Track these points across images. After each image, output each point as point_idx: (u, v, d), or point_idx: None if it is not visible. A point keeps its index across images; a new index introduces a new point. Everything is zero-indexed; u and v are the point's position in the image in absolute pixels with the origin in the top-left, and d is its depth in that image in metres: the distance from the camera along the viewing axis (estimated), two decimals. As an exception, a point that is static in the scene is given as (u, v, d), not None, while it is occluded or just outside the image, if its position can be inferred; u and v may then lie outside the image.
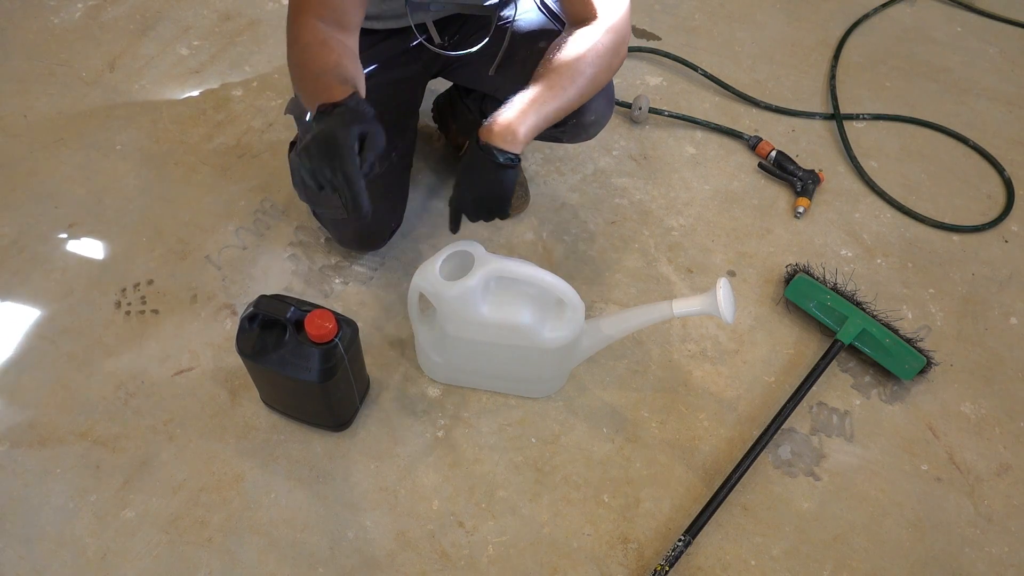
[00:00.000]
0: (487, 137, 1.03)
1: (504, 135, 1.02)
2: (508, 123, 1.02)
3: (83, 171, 1.56)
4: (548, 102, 1.05)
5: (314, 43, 1.00)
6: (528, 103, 1.04)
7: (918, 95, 1.88)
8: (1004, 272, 1.54)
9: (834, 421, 1.31)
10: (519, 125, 1.03)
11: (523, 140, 1.04)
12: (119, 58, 1.78)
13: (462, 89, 1.45)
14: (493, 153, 1.02)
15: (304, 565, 1.11)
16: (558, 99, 1.06)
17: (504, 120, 1.03)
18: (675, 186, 1.63)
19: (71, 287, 1.39)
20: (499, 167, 1.03)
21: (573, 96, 1.07)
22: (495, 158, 1.02)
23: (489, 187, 1.06)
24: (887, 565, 1.16)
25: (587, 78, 1.07)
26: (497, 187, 1.06)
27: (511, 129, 1.02)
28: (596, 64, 1.08)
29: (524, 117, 1.03)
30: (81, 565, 1.10)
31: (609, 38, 1.08)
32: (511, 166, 1.04)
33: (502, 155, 1.02)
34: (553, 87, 1.05)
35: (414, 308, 1.18)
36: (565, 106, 1.07)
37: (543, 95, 1.05)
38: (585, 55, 1.07)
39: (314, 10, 1.03)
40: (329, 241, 1.47)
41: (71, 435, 1.21)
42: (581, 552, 1.15)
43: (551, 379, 1.28)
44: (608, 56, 1.09)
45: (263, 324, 1.09)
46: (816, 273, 1.44)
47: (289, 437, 1.23)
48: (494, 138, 1.02)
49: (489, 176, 1.04)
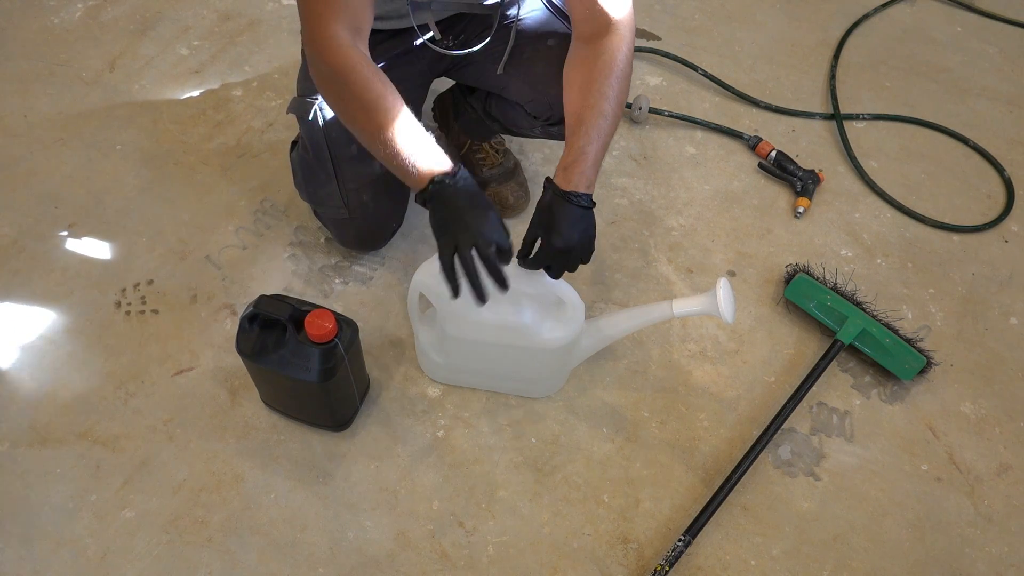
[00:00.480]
0: (568, 185, 1.03)
1: (581, 181, 1.03)
2: (581, 168, 1.03)
3: (83, 171, 1.56)
4: (604, 130, 1.05)
5: (356, 65, 0.98)
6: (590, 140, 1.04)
7: (918, 95, 1.88)
8: (1004, 272, 1.54)
9: (834, 421, 1.31)
10: (591, 167, 1.03)
11: (593, 183, 1.05)
12: (119, 58, 1.78)
13: (464, 88, 1.45)
14: (582, 198, 1.02)
15: (304, 565, 1.11)
16: (609, 122, 1.06)
17: (577, 165, 1.03)
18: (675, 186, 1.63)
19: (71, 287, 1.39)
20: (586, 211, 1.04)
21: (617, 111, 1.08)
22: (583, 202, 1.03)
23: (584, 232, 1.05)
24: (887, 565, 1.16)
25: (622, 91, 1.08)
26: (591, 230, 1.06)
27: (585, 174, 1.03)
28: (625, 73, 1.08)
29: (592, 157, 1.04)
30: (81, 565, 1.10)
31: (627, 41, 1.09)
32: (593, 207, 1.05)
33: (587, 199, 1.03)
34: (603, 114, 1.05)
35: (414, 308, 1.18)
36: (615, 124, 1.08)
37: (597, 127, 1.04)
38: (615, 69, 1.07)
39: (334, 14, 1.00)
40: (329, 241, 1.47)
41: (71, 435, 1.21)
42: (581, 552, 1.15)
43: (551, 379, 1.28)
44: (630, 59, 1.09)
45: (263, 324, 1.09)
46: (816, 273, 1.44)
47: (289, 437, 1.23)
48: (574, 186, 1.02)
49: (581, 223, 1.04)
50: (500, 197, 1.51)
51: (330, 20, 0.99)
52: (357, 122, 1.01)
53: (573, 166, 1.03)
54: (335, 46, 0.99)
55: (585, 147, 1.03)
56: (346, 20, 1.00)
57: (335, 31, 0.99)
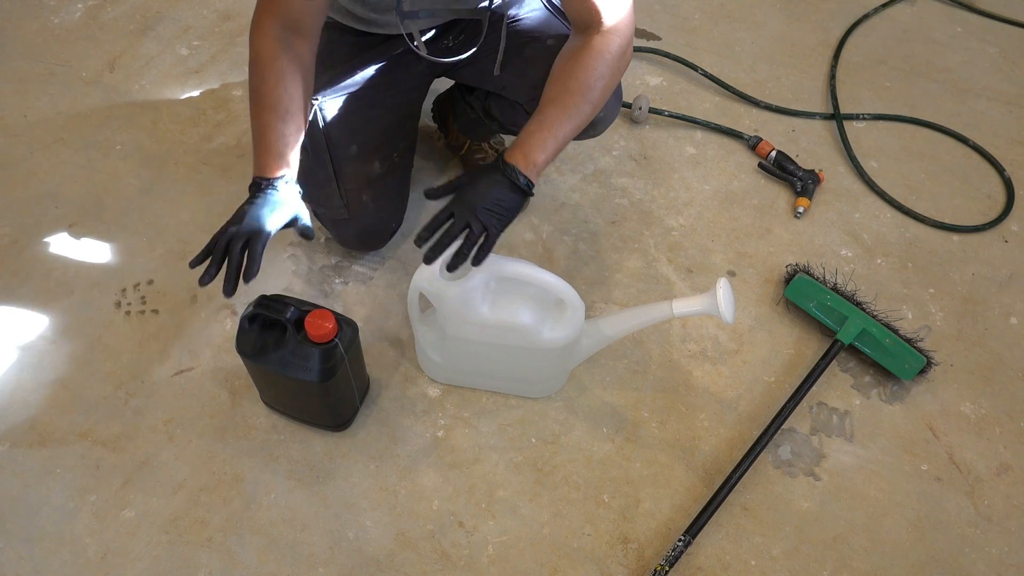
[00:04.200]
0: (508, 157, 1.04)
1: (526, 163, 1.04)
2: (531, 153, 1.04)
3: (83, 171, 1.56)
4: (564, 125, 1.06)
5: (265, 57, 1.06)
6: (547, 128, 1.05)
7: (918, 95, 1.88)
8: (1004, 272, 1.54)
9: (834, 421, 1.31)
10: (540, 153, 1.05)
11: (540, 170, 1.06)
12: (119, 58, 1.78)
13: (463, 88, 1.45)
14: (518, 175, 1.03)
15: (304, 565, 1.11)
16: (573, 119, 1.06)
17: (525, 149, 1.04)
18: (675, 186, 1.63)
19: (71, 287, 1.39)
20: (516, 188, 1.04)
21: (587, 113, 1.08)
22: (518, 179, 1.03)
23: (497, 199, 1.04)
24: (887, 565, 1.16)
25: (599, 90, 1.08)
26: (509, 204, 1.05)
27: (533, 160, 1.04)
28: (606, 75, 1.07)
29: (544, 145, 1.05)
30: (81, 565, 1.10)
31: (617, 44, 1.07)
32: (527, 193, 1.05)
33: (524, 179, 1.04)
34: (568, 108, 1.06)
35: (414, 308, 1.18)
36: (581, 124, 1.08)
37: (559, 119, 1.05)
38: (596, 67, 1.06)
39: (272, 8, 1.07)
40: (329, 241, 1.47)
41: (71, 435, 1.21)
42: (581, 552, 1.15)
43: (551, 379, 1.28)
44: (616, 62, 1.08)
45: (263, 324, 1.09)
46: (816, 273, 1.44)
47: (289, 437, 1.23)
48: (512, 159, 1.04)
49: (503, 192, 1.04)
50: (500, 197, 1.51)
51: (267, 12, 1.07)
52: (249, 103, 1.09)
53: (515, 144, 1.05)
54: (260, 35, 1.07)
55: (534, 132, 1.05)
56: (281, 17, 1.07)
57: (266, 22, 1.07)
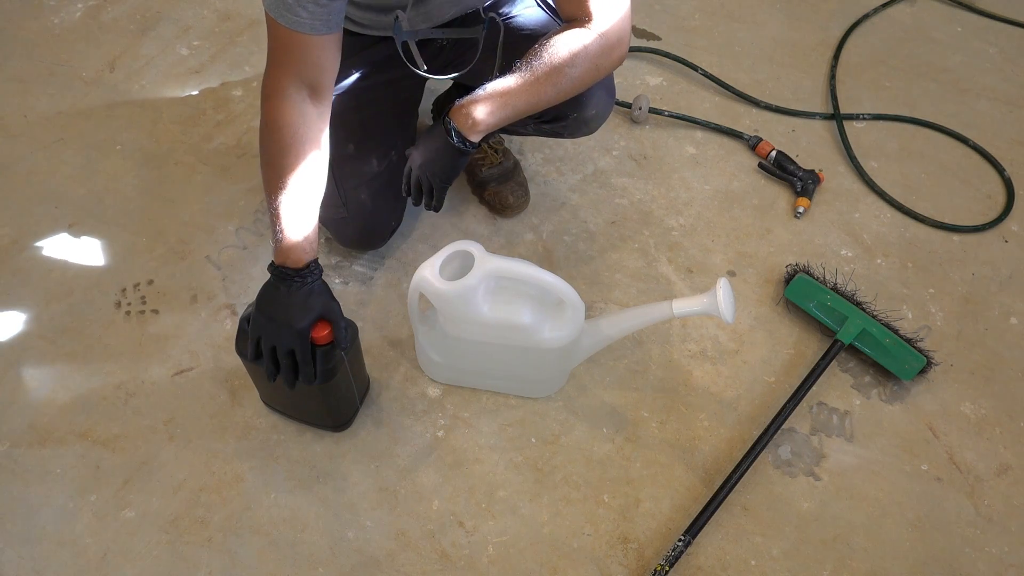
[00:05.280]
0: (453, 116, 1.05)
1: (466, 122, 1.04)
2: (473, 112, 1.04)
3: (83, 171, 1.56)
4: (521, 97, 1.05)
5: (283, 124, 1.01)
6: (501, 95, 1.04)
7: (918, 95, 1.88)
8: (1004, 272, 1.54)
9: (834, 421, 1.31)
10: (485, 117, 1.04)
11: (482, 131, 1.06)
12: (119, 58, 1.78)
13: (463, 87, 1.45)
14: (452, 133, 1.05)
15: (304, 565, 1.11)
16: (533, 96, 1.05)
17: (471, 107, 1.04)
18: (675, 186, 1.63)
19: (71, 287, 1.39)
20: (450, 146, 1.05)
21: (550, 96, 1.07)
22: (451, 138, 1.05)
23: (435, 160, 1.09)
24: (887, 565, 1.16)
25: (570, 80, 1.06)
26: (441, 163, 1.08)
27: (474, 118, 1.04)
28: (581, 67, 1.06)
29: (492, 109, 1.04)
30: (81, 565, 1.10)
31: (599, 42, 1.06)
32: (463, 151, 1.06)
33: (458, 138, 1.05)
34: (531, 84, 1.05)
35: (414, 308, 1.18)
36: (539, 103, 1.07)
37: (519, 90, 1.04)
38: (572, 57, 1.05)
39: (292, 67, 1.02)
40: (329, 241, 1.47)
41: (71, 435, 1.21)
42: (581, 552, 1.15)
43: (551, 379, 1.28)
44: (596, 59, 1.07)
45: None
46: (816, 273, 1.44)
47: (289, 437, 1.23)
48: (457, 121, 1.05)
49: (439, 150, 1.07)
50: (500, 197, 1.51)
51: (285, 72, 1.03)
52: (263, 173, 1.05)
53: (465, 101, 1.05)
54: (278, 100, 1.03)
55: (487, 95, 1.04)
56: (302, 76, 1.03)
57: (285, 85, 1.02)
